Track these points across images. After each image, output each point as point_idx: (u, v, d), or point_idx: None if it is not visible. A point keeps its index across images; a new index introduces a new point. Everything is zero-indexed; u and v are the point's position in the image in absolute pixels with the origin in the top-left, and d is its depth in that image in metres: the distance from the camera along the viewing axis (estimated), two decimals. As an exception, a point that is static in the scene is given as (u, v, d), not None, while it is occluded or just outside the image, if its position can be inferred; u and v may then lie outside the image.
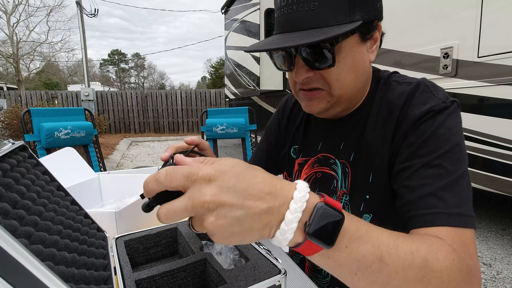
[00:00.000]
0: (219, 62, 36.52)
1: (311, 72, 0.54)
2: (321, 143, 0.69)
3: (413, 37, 2.52)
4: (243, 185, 0.31)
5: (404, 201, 0.50)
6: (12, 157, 0.57)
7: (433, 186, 0.47)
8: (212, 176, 0.30)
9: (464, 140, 0.53)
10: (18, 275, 0.25)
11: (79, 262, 0.52)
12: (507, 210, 2.94)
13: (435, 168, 0.48)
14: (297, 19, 0.50)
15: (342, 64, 0.53)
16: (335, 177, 0.66)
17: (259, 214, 0.31)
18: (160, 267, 0.61)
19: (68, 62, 30.88)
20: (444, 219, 0.44)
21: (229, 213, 0.30)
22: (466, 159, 0.51)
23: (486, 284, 1.84)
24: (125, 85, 43.79)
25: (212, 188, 0.30)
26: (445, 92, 0.56)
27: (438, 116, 0.52)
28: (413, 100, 0.55)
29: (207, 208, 0.30)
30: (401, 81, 0.60)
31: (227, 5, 6.65)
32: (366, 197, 0.60)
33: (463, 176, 0.48)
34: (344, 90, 0.56)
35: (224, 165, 0.31)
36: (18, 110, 5.72)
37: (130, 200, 1.07)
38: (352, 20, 0.49)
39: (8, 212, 0.45)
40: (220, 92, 11.35)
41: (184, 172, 0.30)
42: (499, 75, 1.94)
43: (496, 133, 2.00)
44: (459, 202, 0.46)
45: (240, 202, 0.30)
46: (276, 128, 0.83)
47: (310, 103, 0.59)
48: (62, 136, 2.43)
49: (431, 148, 0.50)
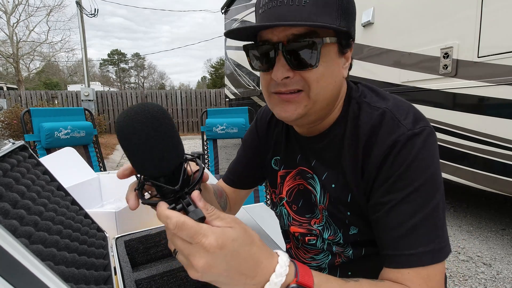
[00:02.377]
0: (219, 62, 36.50)
1: (291, 72, 0.52)
2: (299, 156, 0.68)
3: (413, 37, 2.52)
4: (235, 262, 0.36)
5: (378, 237, 0.54)
6: (12, 157, 0.57)
7: (406, 225, 0.50)
8: (212, 248, 0.34)
9: (438, 164, 0.53)
10: (18, 275, 0.25)
11: (79, 262, 0.52)
12: (507, 210, 2.94)
13: (409, 204, 0.50)
14: (285, 13, 0.50)
15: (324, 67, 0.52)
16: (312, 192, 0.66)
17: (241, 285, 0.38)
18: (160, 267, 0.61)
19: (68, 62, 30.90)
20: (411, 261, 0.49)
21: (215, 278, 0.36)
22: (440, 185, 0.52)
23: (486, 284, 1.84)
24: (125, 85, 43.80)
25: (207, 258, 0.35)
26: (415, 115, 0.54)
27: (407, 146, 0.51)
28: (379, 131, 0.54)
29: (196, 269, 0.35)
30: (372, 103, 0.58)
31: (227, 5, 6.65)
32: (347, 213, 0.61)
33: (437, 207, 0.50)
34: (322, 95, 0.54)
35: (226, 238, 0.35)
36: (18, 110, 5.72)
37: (130, 200, 1.07)
38: (338, 25, 0.51)
39: (8, 212, 0.45)
40: (220, 92, 11.35)
41: (191, 232, 0.35)
42: (499, 75, 1.94)
43: (496, 133, 2.00)
44: (430, 237, 0.49)
45: (226, 273, 0.36)
46: (255, 138, 0.80)
47: (286, 108, 0.55)
48: (62, 136, 2.43)
49: (405, 183, 0.50)
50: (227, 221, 0.38)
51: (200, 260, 0.35)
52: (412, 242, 0.49)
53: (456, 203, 3.14)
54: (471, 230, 2.55)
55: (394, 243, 0.51)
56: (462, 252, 2.21)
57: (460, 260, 2.11)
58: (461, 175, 2.28)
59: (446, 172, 2.36)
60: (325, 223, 0.65)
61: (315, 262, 0.71)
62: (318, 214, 0.66)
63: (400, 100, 0.58)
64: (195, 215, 0.36)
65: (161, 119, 0.38)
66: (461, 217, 2.82)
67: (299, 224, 0.70)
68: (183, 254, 0.36)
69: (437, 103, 2.39)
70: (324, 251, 0.69)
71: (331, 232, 0.65)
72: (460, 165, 2.27)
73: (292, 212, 0.72)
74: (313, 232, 0.68)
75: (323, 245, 0.67)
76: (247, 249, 0.37)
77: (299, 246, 0.74)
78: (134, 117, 0.36)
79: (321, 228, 0.66)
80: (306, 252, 0.72)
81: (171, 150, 0.38)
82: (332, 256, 0.68)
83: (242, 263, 0.37)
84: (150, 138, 0.36)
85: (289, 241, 0.78)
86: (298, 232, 0.71)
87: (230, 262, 0.36)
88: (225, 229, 0.37)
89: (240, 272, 0.37)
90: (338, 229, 0.64)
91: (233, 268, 0.36)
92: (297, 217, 0.71)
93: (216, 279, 0.37)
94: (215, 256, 0.35)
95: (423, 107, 2.49)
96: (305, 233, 0.69)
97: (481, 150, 2.10)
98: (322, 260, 0.70)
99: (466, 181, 2.25)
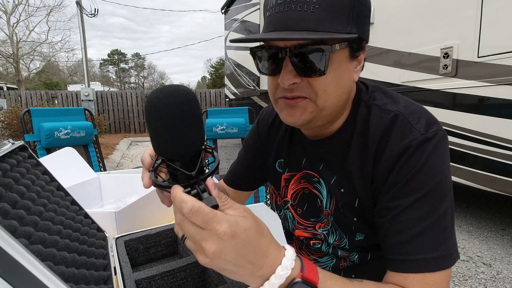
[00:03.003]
0: (219, 62, 36.49)
1: (299, 78, 0.50)
2: (304, 160, 0.67)
3: (413, 37, 2.52)
4: (245, 251, 0.36)
5: (384, 242, 0.54)
6: (12, 157, 0.57)
7: (413, 231, 0.49)
8: (225, 235, 0.35)
9: (449, 169, 0.52)
10: (18, 275, 0.25)
11: (79, 262, 0.52)
12: (507, 210, 2.94)
13: (416, 211, 0.49)
14: (293, 19, 0.47)
15: (332, 75, 0.50)
16: (318, 196, 0.65)
17: (247, 275, 0.38)
18: (160, 267, 0.61)
19: (68, 62, 30.90)
20: (415, 267, 0.48)
21: (221, 265, 0.37)
22: (450, 191, 0.51)
23: (486, 284, 1.84)
24: (125, 85, 43.79)
25: (219, 244, 0.35)
26: (428, 119, 0.53)
27: (418, 151, 0.50)
28: (391, 135, 0.53)
29: (207, 254, 0.35)
30: (382, 106, 0.57)
31: (227, 5, 6.65)
32: (354, 219, 0.60)
33: (445, 213, 0.49)
34: (329, 103, 0.53)
35: (239, 227, 0.36)
36: (18, 110, 5.72)
37: (130, 200, 1.07)
38: (349, 31, 0.48)
39: (8, 212, 0.45)
40: (220, 92, 11.34)
41: (206, 218, 0.35)
42: (499, 75, 1.93)
43: (496, 133, 2.00)
44: (437, 244, 0.48)
45: (235, 261, 0.36)
46: (256, 139, 0.79)
47: (292, 112, 0.54)
48: (62, 136, 2.43)
49: (413, 188, 0.50)
50: (240, 210, 0.38)
51: (212, 246, 0.35)
52: (418, 247, 0.49)
53: (456, 203, 3.13)
54: (471, 230, 2.55)
55: (400, 248, 0.50)
56: (462, 252, 2.21)
57: (460, 260, 2.11)
58: (461, 175, 2.27)
59: (446, 172, 2.35)
60: (330, 228, 0.64)
61: (318, 264, 0.70)
62: (324, 219, 0.65)
63: (411, 103, 0.56)
64: (208, 202, 0.36)
65: (193, 103, 0.38)
66: (461, 217, 2.82)
67: (304, 228, 0.69)
68: (194, 239, 0.36)
69: (437, 103, 2.39)
70: (329, 255, 0.68)
71: (337, 237, 0.64)
72: (460, 165, 2.27)
73: (297, 215, 0.71)
74: (318, 236, 0.67)
75: (328, 249, 0.67)
76: (258, 239, 0.38)
77: (303, 247, 0.73)
78: (169, 95, 0.37)
79: (326, 233, 0.65)
80: (310, 254, 0.72)
81: (195, 135, 0.39)
82: (337, 260, 0.67)
83: (251, 253, 0.37)
84: (180, 119, 0.37)
85: (292, 242, 0.78)
86: (303, 236, 0.70)
87: (240, 251, 0.36)
88: (238, 218, 0.37)
89: (249, 261, 0.37)
90: (344, 235, 0.63)
91: (242, 257, 0.36)
92: (302, 220, 0.70)
93: (224, 267, 0.37)
94: (227, 244, 0.35)
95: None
96: (310, 237, 0.69)
97: (481, 150, 2.10)
98: (326, 263, 0.69)
99: (466, 181, 2.25)
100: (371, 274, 0.64)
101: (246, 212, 0.38)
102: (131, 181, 1.16)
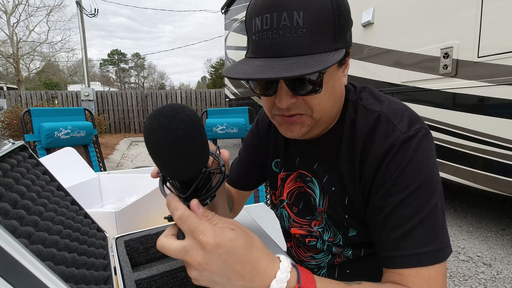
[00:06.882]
0: (219, 62, 36.51)
1: (295, 98, 0.52)
2: (297, 160, 0.68)
3: (413, 37, 2.52)
4: (231, 262, 0.36)
5: (377, 240, 0.54)
6: (12, 157, 0.57)
7: (404, 227, 0.50)
8: (208, 245, 0.35)
9: (435, 165, 0.53)
10: (18, 275, 0.25)
11: (79, 262, 0.52)
12: (507, 210, 2.94)
13: (406, 208, 0.50)
14: (283, 45, 0.47)
15: (325, 89, 0.52)
16: (312, 195, 0.66)
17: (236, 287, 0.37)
18: (160, 267, 0.61)
19: (68, 62, 30.91)
20: (409, 262, 0.49)
21: (210, 277, 0.37)
22: (438, 186, 0.52)
23: (486, 284, 1.84)
24: (125, 85, 43.79)
25: (204, 255, 0.35)
26: (410, 118, 0.54)
27: (402, 150, 0.51)
28: (375, 135, 0.54)
29: (194, 266, 0.36)
30: (368, 106, 0.58)
31: (227, 5, 6.65)
32: (345, 216, 0.61)
33: (435, 208, 0.50)
34: (324, 113, 0.55)
35: (224, 237, 0.36)
36: (18, 110, 5.73)
37: (130, 200, 1.07)
38: (336, 48, 0.49)
39: (8, 212, 0.45)
40: (220, 92, 11.34)
41: (192, 227, 0.36)
42: (499, 75, 1.94)
43: (496, 133, 2.00)
44: (429, 238, 0.49)
45: (224, 272, 0.36)
46: (256, 139, 0.80)
47: (291, 128, 0.56)
48: (62, 136, 2.43)
49: (402, 186, 0.51)
50: (228, 224, 0.38)
51: (198, 256, 0.35)
52: (411, 243, 0.49)
53: (456, 203, 3.14)
54: (471, 230, 2.55)
55: (393, 244, 0.51)
56: (462, 252, 2.21)
57: (460, 260, 2.11)
58: (461, 175, 2.28)
59: (446, 172, 2.36)
60: (324, 225, 0.66)
61: (314, 261, 0.72)
62: (318, 217, 0.67)
63: (395, 102, 0.58)
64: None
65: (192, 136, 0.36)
66: (461, 217, 2.82)
67: (299, 226, 0.71)
68: (181, 251, 0.37)
69: (437, 103, 2.40)
70: (324, 251, 0.69)
71: (331, 234, 0.65)
72: (460, 165, 2.27)
73: (292, 214, 0.72)
74: (313, 234, 0.68)
75: (323, 246, 0.68)
76: (245, 251, 0.37)
77: (300, 245, 0.74)
78: (165, 126, 0.35)
79: (321, 230, 0.67)
80: (306, 251, 0.73)
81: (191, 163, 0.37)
82: (332, 256, 0.68)
83: (239, 264, 0.37)
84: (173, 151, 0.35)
85: (290, 240, 0.79)
86: (298, 234, 0.71)
87: (226, 261, 0.36)
88: (224, 229, 0.37)
89: (238, 274, 0.37)
90: (338, 231, 0.64)
91: (230, 269, 0.36)
92: (297, 219, 0.71)
93: (214, 279, 0.37)
94: (212, 254, 0.35)
95: (423, 107, 2.50)
96: (306, 235, 0.70)
97: (481, 150, 2.10)
98: (321, 259, 0.70)
99: (466, 181, 2.25)
100: (365, 270, 0.65)
101: (234, 225, 0.39)
102: (131, 181, 1.16)
